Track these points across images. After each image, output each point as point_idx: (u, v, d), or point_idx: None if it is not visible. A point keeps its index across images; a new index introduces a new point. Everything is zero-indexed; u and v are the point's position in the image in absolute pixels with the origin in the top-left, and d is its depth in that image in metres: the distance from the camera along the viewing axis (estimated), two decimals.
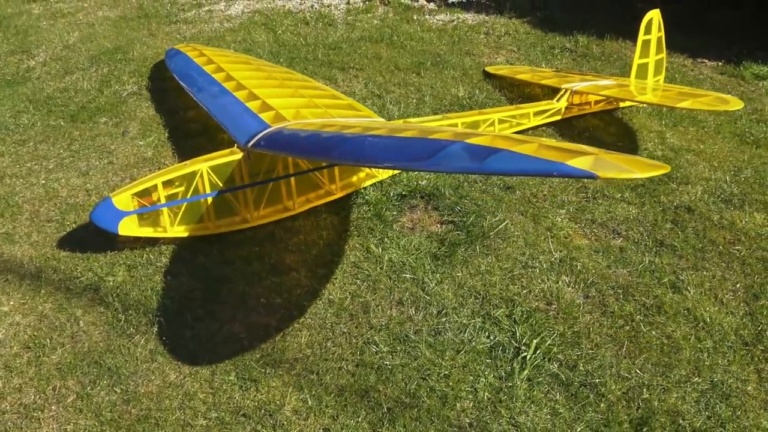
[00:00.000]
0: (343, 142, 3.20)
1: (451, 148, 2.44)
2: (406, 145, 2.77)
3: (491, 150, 2.34)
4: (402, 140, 2.84)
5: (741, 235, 4.39)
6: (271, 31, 8.11)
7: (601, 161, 2.06)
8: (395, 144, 2.84)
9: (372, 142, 2.97)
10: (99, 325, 3.74)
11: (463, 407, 3.24)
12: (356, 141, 3.11)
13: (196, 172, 4.13)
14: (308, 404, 3.25)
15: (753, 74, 7.05)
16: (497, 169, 2.30)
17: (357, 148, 3.02)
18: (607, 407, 3.25)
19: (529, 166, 2.17)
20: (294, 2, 9.13)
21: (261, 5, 9.04)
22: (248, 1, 9.13)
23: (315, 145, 3.52)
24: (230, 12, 8.83)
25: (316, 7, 8.97)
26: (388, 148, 2.81)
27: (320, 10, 8.76)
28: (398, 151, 2.72)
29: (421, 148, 2.63)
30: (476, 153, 2.35)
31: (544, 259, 4.16)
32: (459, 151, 2.40)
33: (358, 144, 3.06)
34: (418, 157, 2.54)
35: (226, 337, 3.64)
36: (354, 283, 3.98)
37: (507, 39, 8.05)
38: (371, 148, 2.90)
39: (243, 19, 8.56)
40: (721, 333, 3.65)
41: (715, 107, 4.81)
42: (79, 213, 4.62)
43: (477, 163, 2.31)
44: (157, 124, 5.78)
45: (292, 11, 8.81)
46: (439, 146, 2.51)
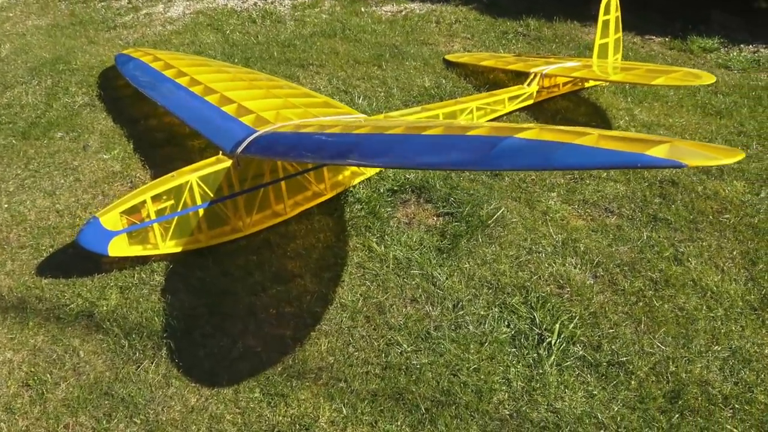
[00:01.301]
0: (363, 143, 3.08)
1: (506, 143, 2.37)
2: (447, 143, 2.67)
3: (553, 145, 2.28)
4: (437, 138, 2.75)
5: (727, 203, 4.52)
6: (218, 31, 7.84)
7: (676, 149, 2.04)
8: (431, 143, 2.74)
9: (405, 143, 2.86)
10: (101, 353, 3.51)
11: (499, 399, 3.21)
12: (382, 141, 2.99)
13: (185, 184, 3.93)
14: (343, 413, 3.14)
15: (700, 47, 7.30)
16: (571, 165, 2.24)
17: (386, 150, 2.89)
18: (638, 384, 3.28)
19: (608, 159, 2.12)
20: (236, 1, 8.86)
21: (202, 5, 8.73)
22: (188, 2, 8.80)
23: (324, 148, 3.38)
24: (170, 14, 8.49)
25: (260, 4, 8.73)
26: (427, 147, 2.70)
27: (265, 8, 8.54)
28: (440, 151, 2.62)
29: (467, 147, 2.54)
30: (537, 148, 2.28)
31: (547, 243, 4.17)
32: (518, 148, 2.32)
33: (386, 145, 2.94)
34: (470, 159, 2.46)
35: (242, 353, 3.48)
36: (363, 284, 3.88)
37: (459, 27, 8.05)
38: (407, 149, 2.78)
39: (186, 20, 8.25)
40: (729, 300, 3.75)
41: (689, 82, 4.94)
42: (54, 236, 4.33)
43: (542, 160, 2.24)
44: (119, 135, 5.48)
45: (235, 10, 8.55)
46: (488, 144, 2.43)
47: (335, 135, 3.39)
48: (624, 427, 3.06)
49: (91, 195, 4.73)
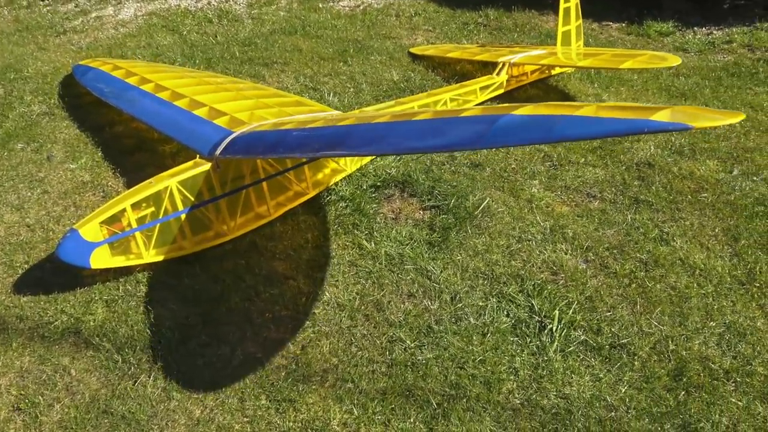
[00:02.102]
0: (353, 133, 3.02)
1: (504, 120, 2.36)
2: (442, 126, 2.64)
3: (554, 118, 2.28)
4: (430, 122, 2.71)
5: (703, 182, 4.63)
6: (174, 32, 7.64)
7: (678, 113, 2.06)
8: (425, 127, 2.71)
9: (398, 129, 2.82)
10: (93, 370, 3.36)
11: (509, 389, 3.21)
12: (373, 129, 2.94)
13: (165, 190, 3.80)
14: (354, 414, 3.09)
15: (657, 32, 7.47)
16: (576, 135, 2.23)
17: (380, 137, 2.84)
18: (642, 365, 3.32)
19: (614, 126, 2.12)
20: (187, 2, 8.64)
21: (154, 6, 8.49)
22: (139, 4, 8.54)
23: (310, 141, 3.30)
24: (121, 16, 8.23)
25: (215, 3, 8.55)
26: (422, 132, 2.67)
27: (220, 7, 8.36)
28: (437, 134, 2.59)
29: (464, 127, 2.52)
30: (537, 122, 2.28)
31: (535, 231, 4.20)
32: (518, 123, 2.32)
33: (378, 132, 2.89)
34: (470, 138, 2.44)
35: (243, 360, 3.39)
36: (357, 282, 3.83)
37: (419, 19, 8.04)
38: (400, 135, 2.74)
39: (139, 22, 8.00)
40: (718, 277, 3.84)
41: (656, 64, 5.04)
42: (28, 252, 4.13)
43: (545, 132, 2.24)
44: (84, 144, 5.28)
45: (190, 10, 8.34)
46: (487, 122, 2.42)
47: (321, 128, 3.32)
48: (633, 408, 3.10)
49: (62, 207, 4.53)
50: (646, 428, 3.01)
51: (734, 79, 6.27)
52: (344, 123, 3.21)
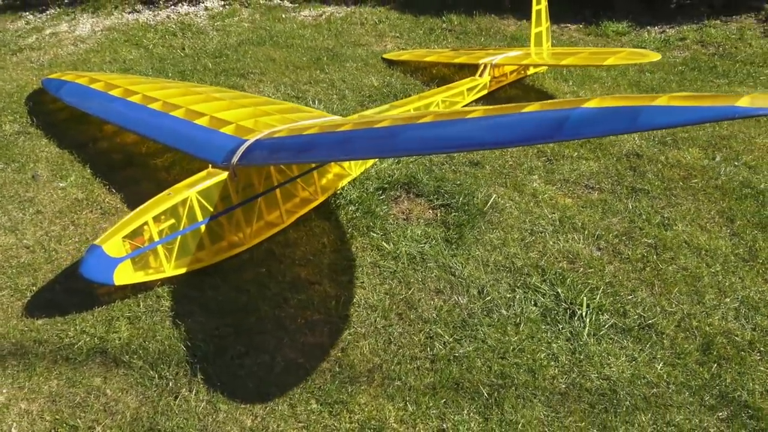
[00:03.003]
0: (403, 133, 3.04)
1: (578, 114, 2.44)
2: (505, 122, 2.71)
3: (632, 109, 2.36)
4: (490, 119, 2.78)
5: (691, 169, 4.87)
6: (138, 46, 7.47)
7: (757, 99, 2.18)
8: (486, 124, 2.77)
9: (455, 126, 2.86)
10: (129, 389, 3.26)
11: (552, 375, 3.29)
12: (425, 128, 2.97)
13: (185, 201, 3.73)
14: (409, 411, 3.11)
15: (614, 32, 7.81)
16: (661, 124, 2.33)
17: (436, 136, 2.88)
18: (671, 342, 3.47)
19: (702, 114, 2.23)
20: (145, 15, 8.47)
21: (111, 22, 8.28)
22: (94, 19, 8.31)
23: (351, 143, 3.31)
24: (78, 32, 7.99)
25: (174, 17, 8.40)
26: (485, 128, 2.73)
27: (181, 20, 8.22)
28: (504, 129, 2.65)
29: (532, 122, 2.59)
30: (618, 113, 2.37)
31: (545, 223, 4.32)
32: (595, 116, 2.40)
33: (433, 131, 2.93)
34: (546, 131, 2.51)
35: (285, 367, 3.35)
36: (383, 282, 3.85)
37: (384, 26, 8.14)
38: (460, 132, 2.79)
39: (99, 38, 7.79)
40: (723, 256, 4.04)
41: (637, 60, 5.28)
42: (33, 273, 3.97)
43: (628, 123, 2.33)
44: (69, 161, 5.10)
45: (150, 24, 8.17)
46: (559, 116, 2.49)
47: (361, 131, 3.33)
48: (672, 383, 3.23)
49: (60, 226, 4.37)
50: (687, 401, 3.14)
51: (696, 74, 6.62)
52: (384, 125, 3.22)
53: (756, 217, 4.36)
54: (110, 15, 8.37)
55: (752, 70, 6.70)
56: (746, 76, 6.58)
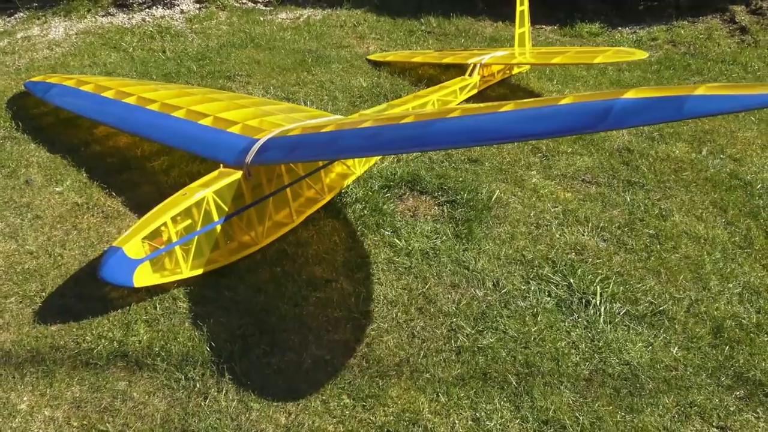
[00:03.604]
0: (437, 129, 3.08)
1: (621, 104, 2.52)
2: (546, 114, 2.77)
3: (676, 98, 2.45)
4: (528, 111, 2.85)
5: (680, 162, 5.06)
6: (117, 50, 7.34)
7: None
8: (525, 115, 2.83)
9: (493, 119, 2.92)
10: (156, 392, 3.22)
11: (574, 362, 3.38)
12: (461, 123, 3.02)
13: (202, 201, 3.71)
14: (442, 402, 3.15)
15: (588, 33, 8.03)
16: (709, 111, 2.42)
17: (472, 129, 2.93)
18: (683, 327, 3.60)
19: (750, 101, 2.31)
20: (120, 19, 8.32)
21: (85, 25, 8.11)
22: (67, 23, 8.12)
23: (379, 139, 3.32)
24: (52, 36, 7.79)
25: (149, 20, 8.28)
26: (525, 119, 2.79)
27: (158, 23, 8.11)
28: (546, 120, 2.72)
29: (574, 113, 2.67)
30: (662, 102, 2.46)
31: (549, 217, 4.43)
32: (640, 105, 2.49)
33: (471, 124, 2.98)
34: (589, 122, 2.58)
35: (312, 364, 3.36)
36: (400, 278, 3.89)
37: (364, 29, 8.19)
38: (505, 124, 2.84)
39: (74, 41, 7.62)
40: (721, 244, 4.22)
41: (626, 58, 5.45)
42: (41, 279, 3.88)
43: (674, 111, 2.42)
44: (62, 166, 4.99)
45: (126, 27, 8.03)
46: (602, 107, 2.57)
47: (389, 126, 3.36)
48: (690, 365, 3.36)
49: (63, 231, 4.28)
50: (705, 382, 3.28)
51: (672, 72, 6.86)
52: (411, 120, 3.27)
53: (747, 207, 4.56)
54: (83, 18, 8.20)
55: (724, 68, 6.98)
56: (719, 73, 6.86)
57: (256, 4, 9.04)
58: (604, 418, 3.07)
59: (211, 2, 8.54)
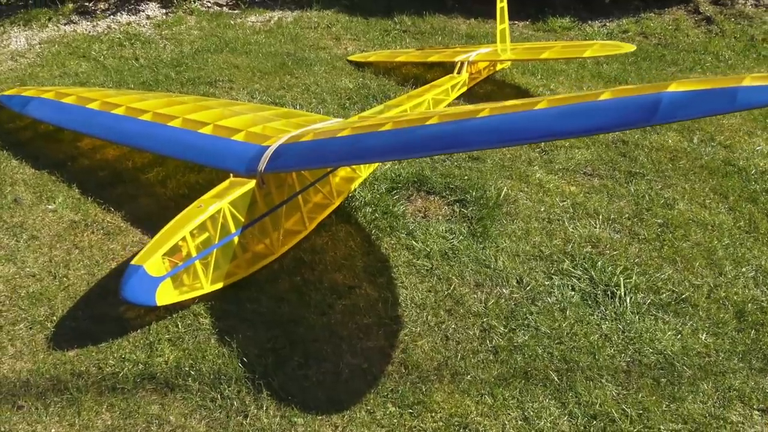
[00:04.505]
0: (464, 128, 3.05)
1: (669, 98, 2.52)
2: (588, 110, 2.76)
3: (728, 90, 2.46)
4: (566, 108, 2.83)
5: (675, 152, 5.16)
6: (86, 59, 7.07)
7: None
8: (563, 112, 2.81)
9: (529, 118, 2.89)
10: (192, 414, 3.10)
11: (610, 354, 3.40)
12: (492, 122, 2.99)
13: (219, 213, 3.59)
14: (488, 404, 3.12)
15: (560, 27, 8.12)
16: (762, 102, 2.44)
17: (511, 128, 2.91)
18: (707, 313, 3.67)
19: None
20: (83, 26, 8.03)
21: (46, 34, 7.78)
22: (28, 32, 7.78)
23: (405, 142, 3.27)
24: (14, 47, 7.45)
25: (115, 27, 8.01)
26: (574, 115, 2.77)
27: (126, 30, 7.85)
28: (597, 115, 2.70)
29: (619, 108, 2.66)
30: (713, 95, 2.47)
31: (560, 211, 4.45)
32: (689, 98, 2.49)
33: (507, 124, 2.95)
34: (637, 117, 2.58)
35: (350, 373, 3.29)
36: (423, 281, 3.85)
37: (338, 30, 8.10)
38: (546, 122, 2.81)
39: (38, 51, 7.31)
40: (728, 230, 4.31)
41: (614, 51, 5.53)
42: (49, 303, 3.70)
43: (726, 103, 2.44)
44: (51, 182, 4.77)
45: (92, 35, 7.75)
46: (649, 101, 2.57)
47: (416, 129, 3.31)
48: (721, 350, 3.42)
49: (64, 251, 4.08)
50: (738, 367, 3.34)
51: (648, 63, 7.00)
52: (436, 121, 3.22)
53: (745, 192, 4.68)
54: (45, 27, 7.87)
55: (697, 57, 7.17)
56: (693, 63, 7.03)
57: (222, 7, 8.85)
58: (651, 409, 3.09)
59: (177, 7, 8.31)
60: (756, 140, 5.38)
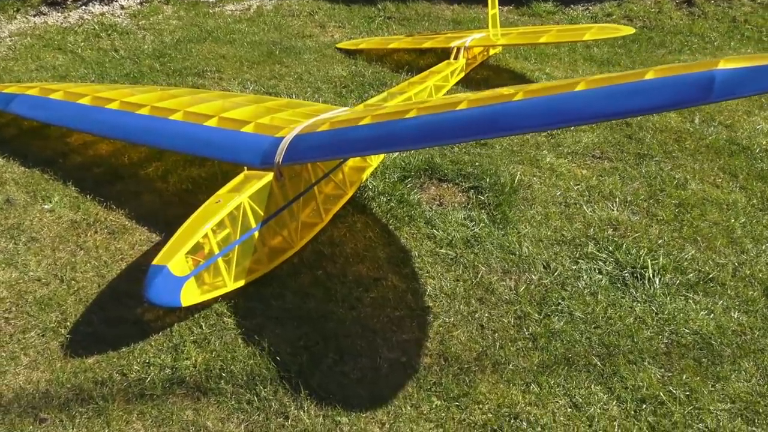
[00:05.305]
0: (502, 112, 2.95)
1: (722, 75, 2.46)
2: (643, 88, 2.67)
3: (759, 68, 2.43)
4: (610, 89, 2.74)
5: (679, 133, 5.17)
6: (62, 51, 6.77)
7: None
8: (609, 92, 2.73)
9: (575, 98, 2.79)
10: (229, 417, 2.95)
11: (648, 336, 3.36)
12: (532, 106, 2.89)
13: (239, 208, 3.43)
14: (535, 392, 3.05)
15: (545, 11, 8.09)
16: None
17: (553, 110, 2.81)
18: (736, 292, 3.66)
19: None
20: (54, 18, 7.68)
21: (15, 26, 7.42)
22: None
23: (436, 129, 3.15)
24: None
25: (88, 18, 7.68)
26: (621, 95, 2.69)
27: (101, 21, 7.53)
28: (649, 95, 2.62)
29: (670, 87, 2.59)
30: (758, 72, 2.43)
31: (576, 195, 4.40)
32: (744, 75, 2.44)
33: (549, 105, 2.85)
34: (693, 95, 2.51)
35: (389, 368, 3.18)
36: (449, 270, 3.76)
37: (321, 17, 7.94)
38: (591, 102, 2.73)
39: (9, 44, 6.96)
40: (742, 207, 4.33)
41: (613, 34, 5.50)
42: (60, 307, 3.49)
43: None
44: (44, 180, 4.52)
45: (65, 27, 7.41)
46: (701, 79, 2.50)
47: (446, 114, 3.19)
48: (755, 328, 3.41)
49: (68, 252, 3.87)
50: None
51: (637, 45, 7.02)
52: (465, 106, 3.11)
53: (753, 171, 4.71)
54: (13, 19, 7.50)
55: (683, 39, 7.22)
56: (681, 45, 7.08)
57: None
58: (698, 390, 3.06)
59: None
60: (755, 119, 5.42)
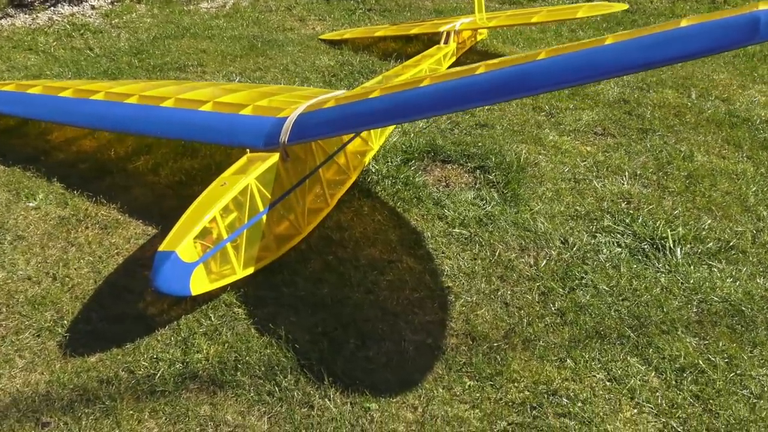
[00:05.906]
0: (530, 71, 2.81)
1: (764, 15, 2.36)
2: (674, 36, 2.56)
3: None
4: (647, 38, 2.62)
5: (678, 107, 5.11)
6: (33, 51, 6.47)
7: None
8: (644, 43, 2.61)
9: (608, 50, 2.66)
10: (249, 410, 2.76)
11: (676, 306, 3.25)
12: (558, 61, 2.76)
13: (246, 190, 3.23)
14: (571, 367, 2.92)
15: None
16: None
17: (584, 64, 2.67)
18: (758, 258, 3.59)
19: None
20: (22, 20, 7.36)
21: None
22: None
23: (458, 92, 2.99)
24: None
25: (57, 18, 7.38)
26: (658, 44, 2.56)
27: (72, 21, 7.24)
28: (688, 41, 2.50)
29: (722, 28, 2.47)
30: None
31: (584, 170, 4.30)
32: None
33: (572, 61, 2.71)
34: (736, 37, 2.40)
35: (416, 351, 3.01)
36: (465, 249, 3.61)
37: (300, 11, 7.77)
38: (626, 53, 2.60)
39: None
40: (752, 177, 4.27)
41: (606, 10, 5.43)
42: (55, 306, 3.25)
43: None
44: (26, 178, 4.26)
45: (35, 28, 7.11)
46: (749, 19, 2.39)
47: (467, 79, 3.03)
48: None
49: (59, 249, 3.63)
50: None
51: (621, 28, 7.00)
52: (482, 71, 2.97)
53: (757, 141, 4.66)
54: None
55: (666, 20, 7.19)
56: None
57: None
58: (737, 356, 2.95)
59: None
60: (750, 92, 5.40)
